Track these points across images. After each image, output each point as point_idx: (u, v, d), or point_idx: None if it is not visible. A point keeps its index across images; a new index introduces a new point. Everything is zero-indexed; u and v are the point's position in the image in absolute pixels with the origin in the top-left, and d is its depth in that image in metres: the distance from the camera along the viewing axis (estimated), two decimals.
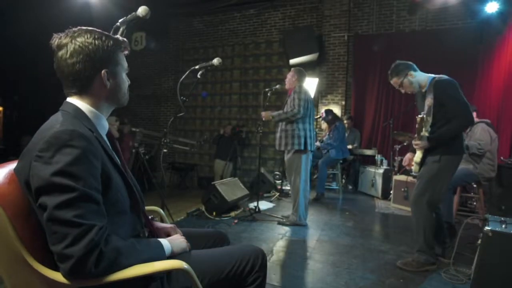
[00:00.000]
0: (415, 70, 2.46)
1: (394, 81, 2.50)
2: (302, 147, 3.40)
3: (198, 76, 2.48)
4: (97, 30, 1.05)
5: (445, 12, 5.65)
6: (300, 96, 3.38)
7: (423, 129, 2.36)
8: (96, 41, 1.01)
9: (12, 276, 0.97)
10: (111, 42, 1.04)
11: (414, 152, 2.57)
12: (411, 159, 2.60)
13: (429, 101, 2.37)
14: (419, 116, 2.34)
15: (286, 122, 3.47)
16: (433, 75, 2.42)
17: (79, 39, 1.00)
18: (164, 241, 1.10)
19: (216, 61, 2.40)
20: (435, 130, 2.35)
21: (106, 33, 1.06)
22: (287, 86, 3.64)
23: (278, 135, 3.58)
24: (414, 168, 2.57)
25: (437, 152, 2.36)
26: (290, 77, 3.59)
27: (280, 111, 3.49)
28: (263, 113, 3.64)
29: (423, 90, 2.46)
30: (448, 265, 2.39)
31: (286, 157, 3.57)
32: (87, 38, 1.00)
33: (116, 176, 1.03)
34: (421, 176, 2.47)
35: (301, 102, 3.36)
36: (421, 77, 2.45)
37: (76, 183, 0.87)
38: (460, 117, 2.27)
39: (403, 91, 2.52)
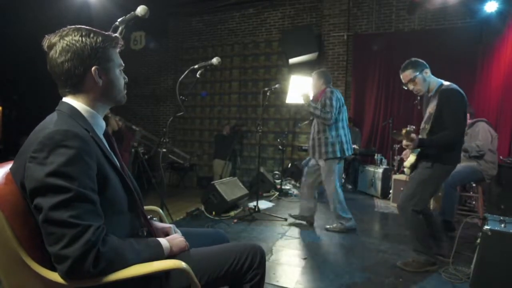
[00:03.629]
0: (429, 71, 2.41)
1: (407, 73, 2.39)
2: (338, 154, 3.23)
3: (198, 76, 2.47)
4: (86, 27, 1.04)
5: (445, 11, 5.65)
6: (332, 102, 3.18)
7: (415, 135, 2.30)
8: (84, 38, 1.00)
9: (9, 276, 0.97)
10: (100, 38, 1.03)
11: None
12: (407, 155, 2.60)
13: (431, 107, 2.34)
14: (405, 129, 2.27)
15: (318, 129, 3.30)
16: (442, 81, 2.38)
17: (67, 38, 0.99)
18: (163, 241, 1.10)
19: (215, 60, 2.39)
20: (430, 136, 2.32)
21: (95, 29, 1.05)
22: (314, 92, 3.41)
23: (310, 143, 3.43)
24: (406, 171, 2.59)
25: (430, 158, 2.33)
26: (315, 81, 3.38)
27: (317, 106, 3.23)
28: (305, 94, 3.30)
29: (429, 94, 2.42)
30: (447, 264, 2.40)
31: (320, 164, 3.36)
32: (75, 36, 1.00)
33: (113, 176, 1.02)
34: (412, 179, 2.46)
35: (333, 109, 3.17)
36: (432, 79, 2.39)
37: (71, 184, 0.86)
38: (451, 131, 2.23)
39: (411, 87, 2.42)
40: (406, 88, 2.48)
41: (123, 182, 1.07)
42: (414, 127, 2.31)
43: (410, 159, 2.49)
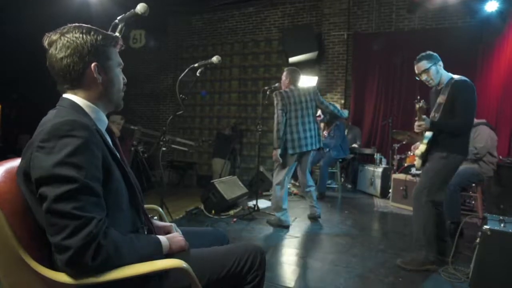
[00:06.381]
0: (442, 64, 2.51)
1: (421, 64, 2.46)
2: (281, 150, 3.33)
3: (197, 74, 2.46)
4: (86, 25, 1.05)
5: (445, 11, 5.64)
6: (277, 101, 3.35)
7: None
8: (84, 36, 1.01)
9: (9, 275, 0.96)
10: (100, 36, 1.04)
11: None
12: (416, 146, 2.67)
13: (441, 98, 2.43)
14: (418, 104, 2.34)
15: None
16: (451, 75, 2.47)
17: (67, 35, 1.00)
18: (162, 238, 1.09)
19: (215, 59, 2.38)
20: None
21: (96, 28, 1.06)
22: (282, 89, 3.56)
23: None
24: (417, 162, 2.61)
25: (444, 148, 2.38)
26: (283, 78, 3.53)
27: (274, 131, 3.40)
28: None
29: (439, 88, 2.49)
30: (447, 264, 2.40)
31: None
32: (75, 33, 1.01)
33: (116, 171, 1.03)
34: (426, 170, 2.49)
35: (277, 108, 3.34)
36: (444, 73, 2.49)
37: (77, 174, 0.87)
38: (462, 119, 2.32)
39: (424, 78, 2.49)
40: (418, 79, 2.55)
41: (125, 177, 1.07)
42: (426, 102, 2.38)
43: (421, 148, 2.54)
